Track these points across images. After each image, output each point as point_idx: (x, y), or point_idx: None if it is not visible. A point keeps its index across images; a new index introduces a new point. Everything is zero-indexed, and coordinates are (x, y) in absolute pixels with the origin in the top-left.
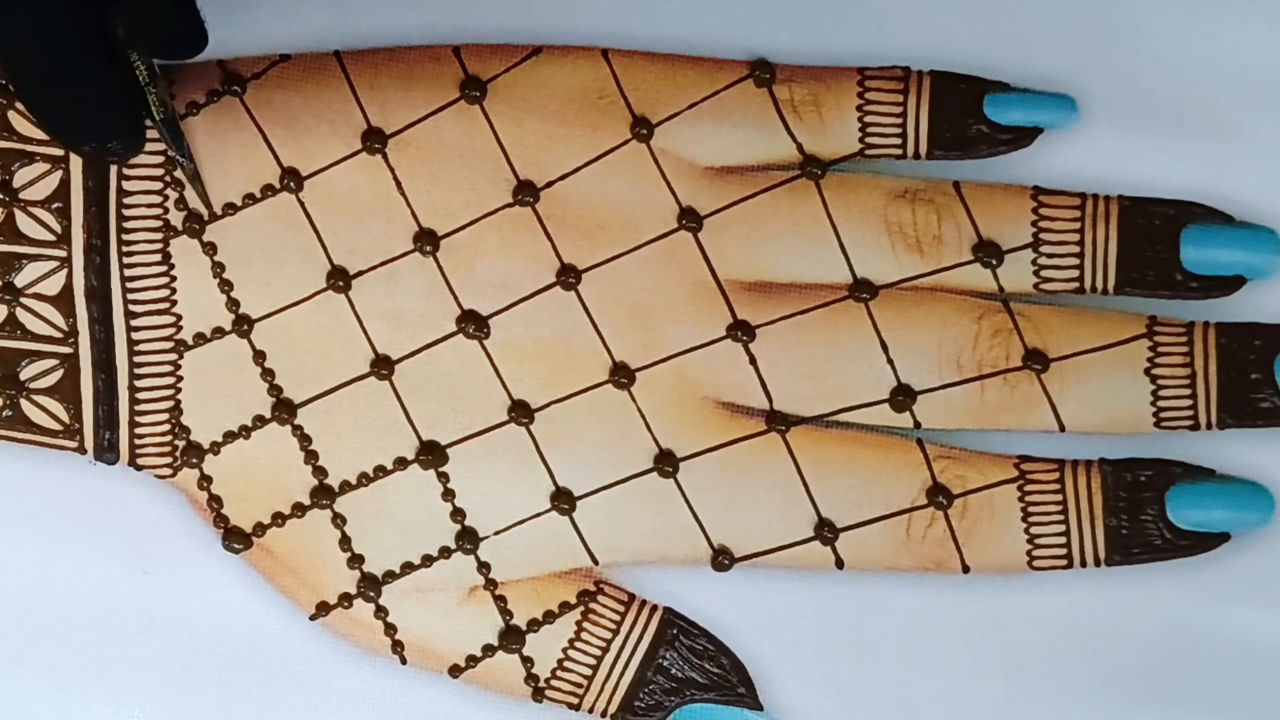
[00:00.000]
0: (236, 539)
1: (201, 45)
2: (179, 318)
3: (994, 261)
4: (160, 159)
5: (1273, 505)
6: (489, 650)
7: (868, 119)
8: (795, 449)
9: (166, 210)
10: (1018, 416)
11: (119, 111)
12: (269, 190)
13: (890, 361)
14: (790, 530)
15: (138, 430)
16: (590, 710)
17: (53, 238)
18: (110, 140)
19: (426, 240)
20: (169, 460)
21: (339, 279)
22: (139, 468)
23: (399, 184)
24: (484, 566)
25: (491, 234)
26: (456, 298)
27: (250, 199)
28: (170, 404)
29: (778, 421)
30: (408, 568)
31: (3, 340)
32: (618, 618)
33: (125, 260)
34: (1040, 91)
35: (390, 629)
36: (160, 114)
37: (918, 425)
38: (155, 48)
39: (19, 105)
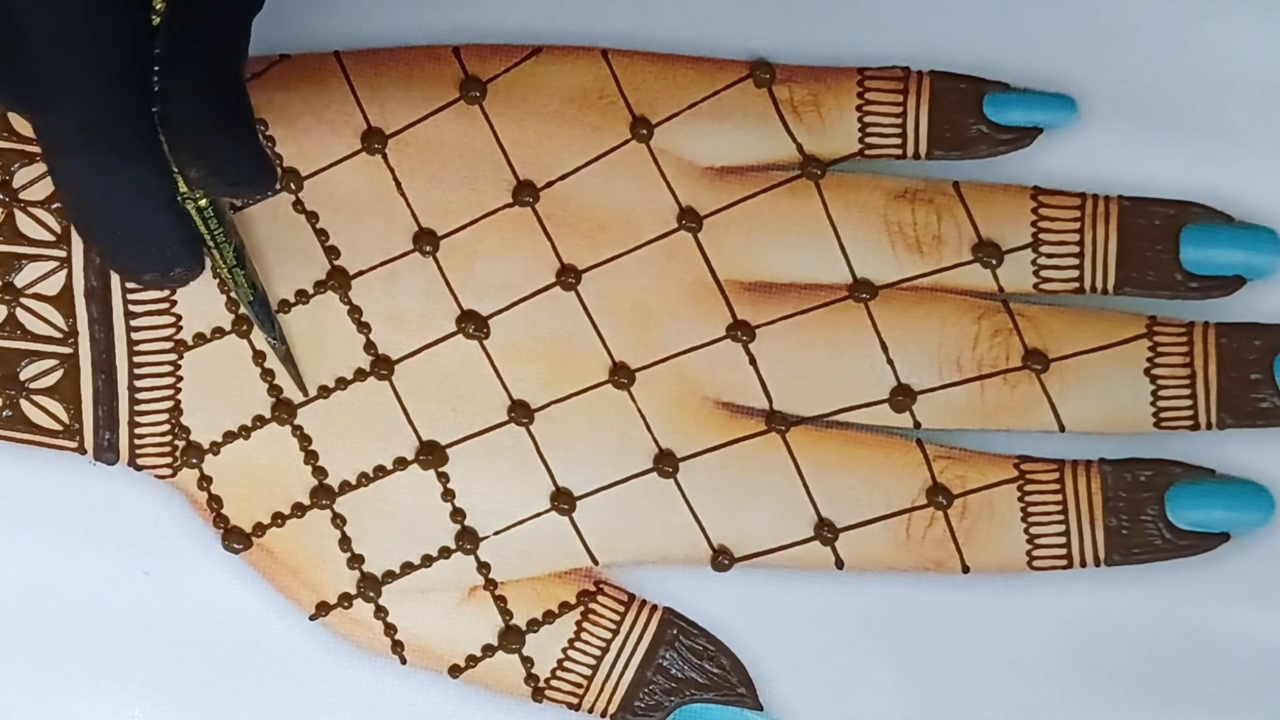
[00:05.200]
0: (236, 539)
1: (272, 182)
2: (179, 318)
3: (994, 261)
4: None
5: (1273, 505)
6: (489, 650)
7: (867, 119)
8: (795, 449)
9: None
10: (1018, 416)
11: (183, 241)
12: None
13: (890, 361)
14: (790, 530)
15: (138, 430)
16: (590, 710)
17: (53, 238)
18: (174, 269)
19: (426, 240)
20: (169, 460)
21: (339, 279)
22: (139, 468)
23: (399, 184)
24: (484, 566)
25: (491, 234)
26: (456, 298)
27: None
28: (170, 404)
29: (778, 421)
30: (408, 568)
31: (3, 340)
32: (617, 618)
33: None
34: (1040, 91)
35: (390, 629)
36: (249, 296)
37: (918, 425)
38: (226, 189)
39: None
